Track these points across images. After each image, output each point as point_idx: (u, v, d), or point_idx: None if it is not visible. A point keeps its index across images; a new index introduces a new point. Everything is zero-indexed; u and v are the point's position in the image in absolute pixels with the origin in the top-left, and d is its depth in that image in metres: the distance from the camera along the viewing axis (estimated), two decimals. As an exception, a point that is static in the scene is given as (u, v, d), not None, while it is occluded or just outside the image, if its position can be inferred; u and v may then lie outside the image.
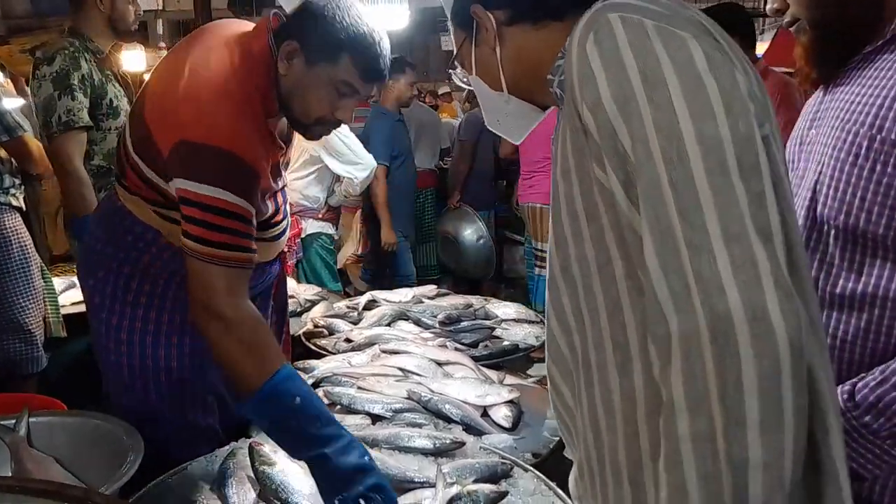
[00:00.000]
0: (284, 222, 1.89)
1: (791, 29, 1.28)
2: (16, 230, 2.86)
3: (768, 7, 1.28)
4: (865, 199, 1.12)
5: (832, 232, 1.18)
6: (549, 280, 0.99)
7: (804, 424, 0.72)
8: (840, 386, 1.14)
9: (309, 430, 1.44)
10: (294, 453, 1.49)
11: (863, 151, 1.13)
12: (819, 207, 1.20)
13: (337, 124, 1.74)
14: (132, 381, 1.78)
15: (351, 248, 5.26)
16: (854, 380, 1.14)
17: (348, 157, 4.30)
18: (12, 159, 2.88)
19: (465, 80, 1.12)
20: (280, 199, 1.84)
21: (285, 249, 4.16)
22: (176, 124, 1.53)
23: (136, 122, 1.63)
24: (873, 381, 1.11)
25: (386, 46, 1.67)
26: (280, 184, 1.83)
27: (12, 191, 2.85)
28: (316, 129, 1.73)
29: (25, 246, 2.88)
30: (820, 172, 1.21)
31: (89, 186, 2.66)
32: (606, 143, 0.79)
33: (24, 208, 2.98)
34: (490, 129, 1.15)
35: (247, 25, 1.73)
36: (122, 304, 1.74)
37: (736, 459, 0.70)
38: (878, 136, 1.11)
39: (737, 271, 0.71)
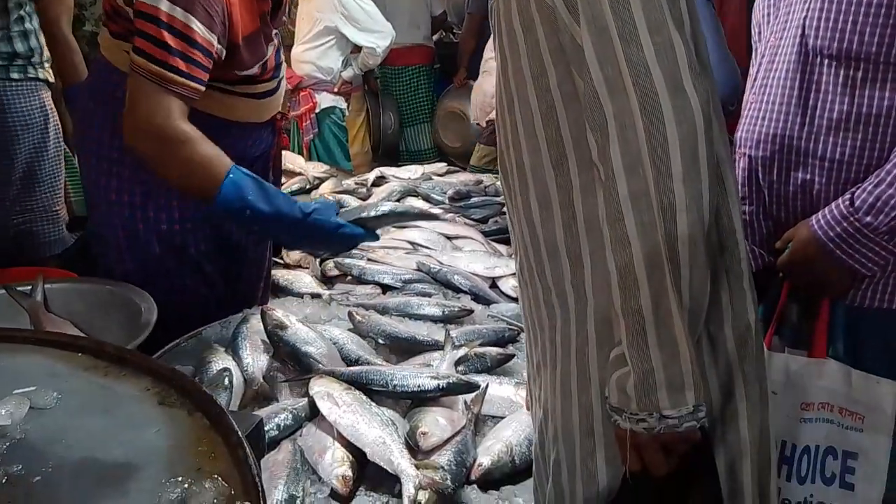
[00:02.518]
0: (275, 81, 1.82)
1: None
2: (52, 109, 2.64)
3: None
4: (857, 23, 1.26)
5: (825, 61, 1.30)
6: (496, 104, 1.09)
7: (714, 179, 0.89)
8: (840, 197, 1.28)
9: (271, 212, 1.49)
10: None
11: None
12: (811, 42, 1.31)
13: None
14: (128, 244, 1.76)
15: None
16: (852, 189, 1.27)
17: (367, 24, 4.11)
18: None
19: None
20: (272, 56, 1.76)
21: (300, 128, 4.10)
22: None
23: None
24: (870, 185, 1.25)
25: None
26: (271, 42, 1.76)
27: (45, 64, 2.59)
28: None
29: (58, 125, 2.66)
30: (808, 9, 1.32)
31: (79, 53, 2.52)
32: None
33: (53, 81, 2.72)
34: None
35: None
36: (110, 162, 1.70)
37: (666, 205, 0.85)
38: None
39: (659, 55, 0.86)
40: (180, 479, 0.77)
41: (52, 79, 2.63)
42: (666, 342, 0.88)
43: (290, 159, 3.29)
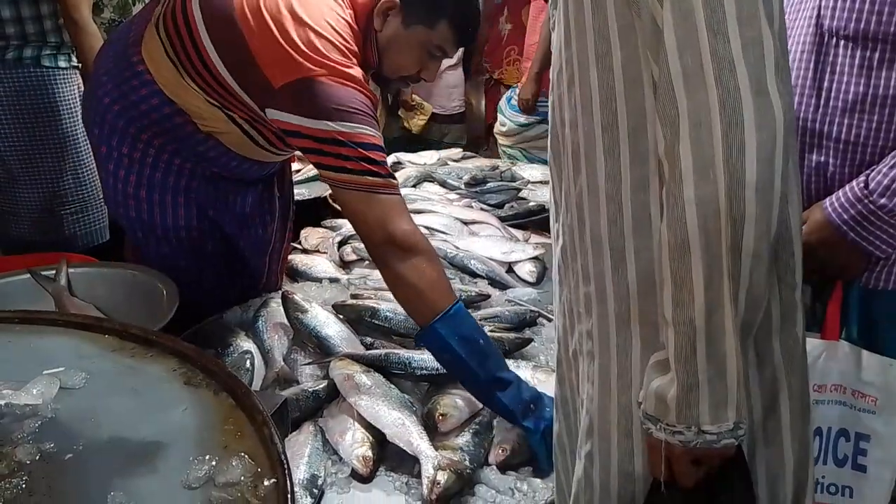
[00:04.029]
0: None
1: None
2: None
3: None
4: (875, 3, 1.23)
5: (841, 42, 1.28)
6: (552, 79, 1.04)
7: (786, 187, 0.84)
8: (854, 180, 1.26)
9: (492, 351, 1.43)
10: (480, 378, 1.40)
11: None
12: (827, 22, 1.29)
13: (417, 80, 1.71)
14: (145, 237, 1.78)
15: None
16: (866, 171, 1.26)
17: None
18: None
19: None
20: None
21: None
22: (299, 62, 1.45)
23: (224, 29, 1.51)
24: (885, 166, 1.23)
25: (479, 9, 1.59)
26: None
27: (64, 49, 2.47)
28: (395, 84, 1.72)
29: None
30: None
31: (100, 40, 2.53)
32: None
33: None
34: None
35: None
36: (130, 160, 1.71)
37: (736, 215, 0.80)
38: None
39: (746, 51, 0.79)
40: (208, 456, 0.79)
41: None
42: (715, 356, 0.84)
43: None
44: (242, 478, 0.76)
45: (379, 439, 1.34)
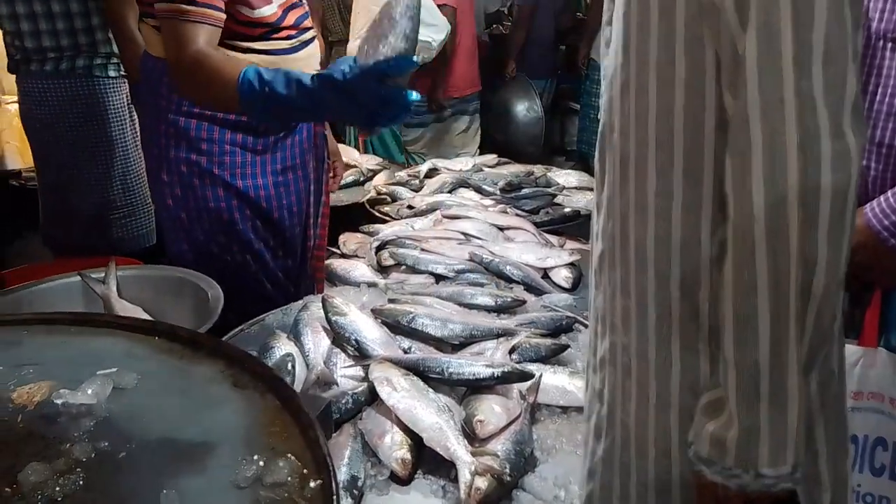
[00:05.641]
0: (298, 41, 1.84)
1: None
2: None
3: None
4: None
5: (889, 45, 1.28)
6: (604, 83, 1.00)
7: (854, 231, 0.81)
8: None
9: (285, 91, 1.44)
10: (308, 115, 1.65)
11: None
12: (875, 25, 1.28)
13: None
14: (179, 223, 1.83)
15: None
16: None
17: (423, 18, 4.06)
18: None
19: None
20: (295, 11, 1.82)
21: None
22: None
23: None
24: None
25: None
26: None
27: (114, 59, 2.60)
28: None
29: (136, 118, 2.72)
30: None
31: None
32: None
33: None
34: None
35: None
36: (159, 148, 1.79)
37: (807, 258, 0.78)
38: None
39: (828, 89, 0.76)
40: (255, 457, 0.81)
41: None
42: (778, 398, 0.82)
43: (344, 152, 3.34)
44: (289, 478, 0.79)
45: (417, 442, 1.35)
